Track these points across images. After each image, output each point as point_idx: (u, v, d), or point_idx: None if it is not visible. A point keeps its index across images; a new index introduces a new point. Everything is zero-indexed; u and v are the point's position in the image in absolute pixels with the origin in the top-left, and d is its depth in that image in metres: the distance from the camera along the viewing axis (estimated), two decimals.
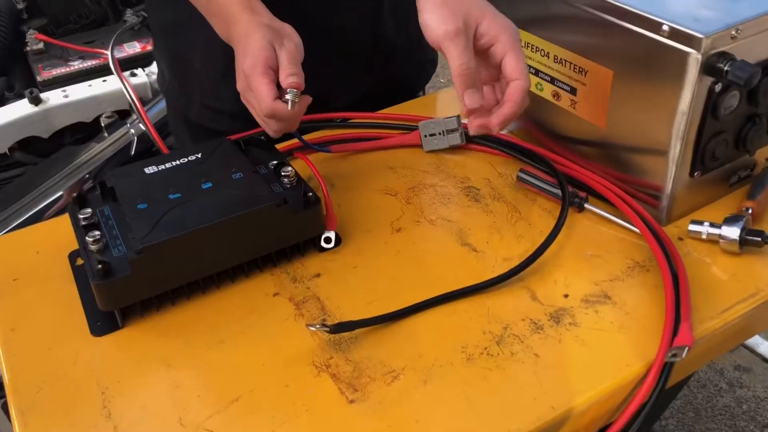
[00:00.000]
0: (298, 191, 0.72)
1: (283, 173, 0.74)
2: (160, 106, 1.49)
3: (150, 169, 0.74)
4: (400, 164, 0.89)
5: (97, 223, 0.70)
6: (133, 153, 1.43)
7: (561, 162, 0.83)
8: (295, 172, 0.74)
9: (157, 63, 1.07)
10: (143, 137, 1.44)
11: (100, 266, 0.63)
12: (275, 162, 0.77)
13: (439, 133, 0.89)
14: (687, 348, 0.56)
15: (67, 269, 0.74)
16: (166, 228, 0.65)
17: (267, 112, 0.69)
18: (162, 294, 0.68)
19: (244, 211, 0.67)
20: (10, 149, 1.45)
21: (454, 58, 0.65)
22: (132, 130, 1.44)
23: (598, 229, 0.76)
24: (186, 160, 0.76)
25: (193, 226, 0.66)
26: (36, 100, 1.45)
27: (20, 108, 1.44)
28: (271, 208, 0.68)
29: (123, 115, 1.51)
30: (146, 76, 1.54)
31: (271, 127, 0.72)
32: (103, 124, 1.46)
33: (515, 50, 0.66)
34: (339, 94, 0.99)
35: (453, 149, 0.89)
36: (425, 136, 0.89)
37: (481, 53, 0.68)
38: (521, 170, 0.82)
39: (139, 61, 1.62)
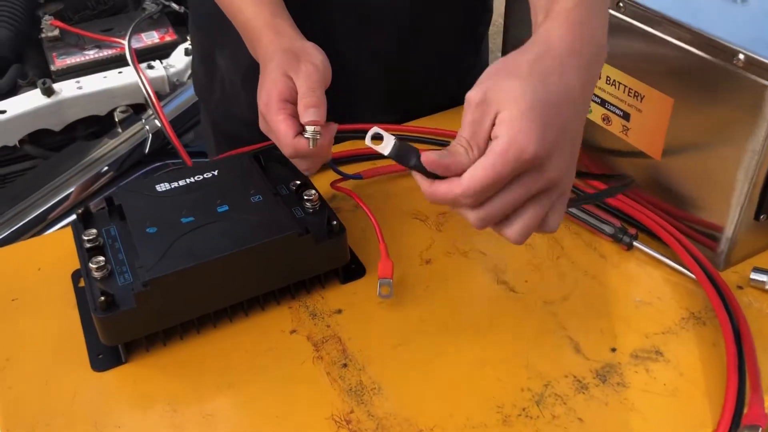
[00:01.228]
0: (321, 217, 0.67)
1: (305, 196, 0.69)
2: (177, 102, 1.45)
3: (162, 187, 0.69)
4: None
5: (102, 246, 0.65)
6: (147, 151, 1.38)
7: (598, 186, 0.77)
8: (319, 195, 0.69)
9: (191, 46, 1.02)
10: (158, 134, 1.40)
11: (102, 298, 0.58)
12: (297, 182, 0.72)
13: None
14: (760, 429, 0.50)
15: (69, 290, 0.70)
16: (176, 257, 0.61)
17: (289, 153, 0.63)
18: (170, 327, 0.63)
19: (263, 241, 0.62)
20: (20, 141, 1.41)
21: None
22: (147, 127, 1.40)
23: (648, 272, 0.70)
24: (201, 177, 0.71)
25: (206, 256, 0.61)
26: (49, 91, 1.41)
27: (32, 99, 1.40)
28: (292, 237, 0.63)
29: (138, 110, 1.46)
30: (164, 69, 1.50)
31: (300, 167, 0.67)
32: (117, 119, 1.41)
33: (493, 154, 0.48)
34: (367, 96, 0.93)
35: None
36: None
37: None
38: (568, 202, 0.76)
39: (157, 52, 1.57)
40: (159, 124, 1.37)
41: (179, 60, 1.53)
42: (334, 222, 0.66)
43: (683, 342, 0.62)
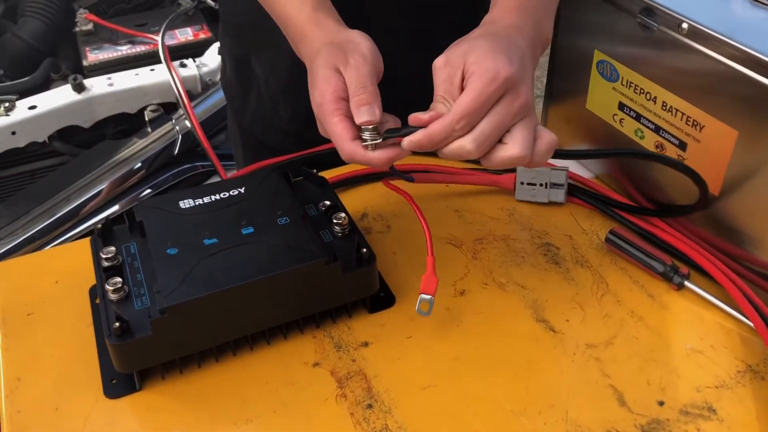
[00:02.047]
0: (351, 243, 0.64)
1: (335, 219, 0.66)
2: (209, 103, 1.43)
3: (186, 203, 0.67)
4: (467, 207, 0.79)
5: (120, 265, 0.63)
6: (176, 152, 1.36)
7: (658, 224, 0.73)
8: (349, 219, 0.66)
9: (220, 51, 0.99)
10: (188, 135, 1.38)
11: (117, 324, 0.56)
12: (327, 203, 0.68)
13: (541, 185, 0.78)
14: None
15: (86, 306, 0.68)
16: (196, 283, 0.58)
17: (346, 159, 0.58)
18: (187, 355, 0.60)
19: (287, 269, 0.59)
20: (50, 138, 1.40)
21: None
22: (177, 127, 1.38)
23: (700, 315, 0.65)
24: (227, 195, 0.68)
25: (228, 283, 0.58)
26: (79, 88, 1.40)
27: (63, 95, 1.39)
28: (318, 266, 0.60)
29: (169, 109, 1.45)
30: (196, 68, 1.48)
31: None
32: (147, 118, 1.40)
33: (473, 82, 0.54)
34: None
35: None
36: (521, 183, 0.78)
37: None
38: (612, 231, 0.72)
39: (191, 50, 1.55)
40: (189, 125, 1.36)
41: (213, 59, 1.51)
42: (364, 249, 0.63)
43: (739, 399, 0.58)
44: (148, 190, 1.39)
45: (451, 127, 0.53)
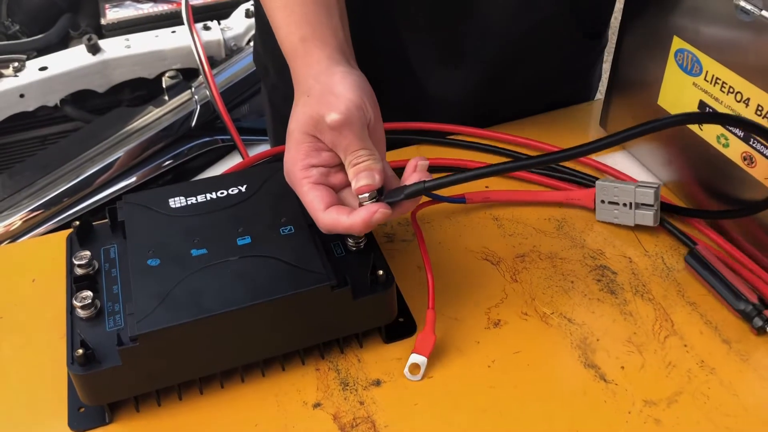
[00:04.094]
0: (365, 261, 0.55)
1: None
2: (232, 71, 1.35)
3: (176, 202, 0.58)
4: (508, 215, 0.69)
5: (94, 274, 0.55)
6: (194, 124, 1.28)
7: (737, 257, 0.62)
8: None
9: (255, 17, 0.91)
10: (207, 106, 1.29)
11: (81, 351, 0.48)
12: None
13: (624, 205, 0.66)
14: None
15: (64, 312, 0.60)
16: (176, 306, 0.50)
17: (326, 230, 0.53)
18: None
19: (287, 294, 0.50)
20: (62, 101, 1.33)
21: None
22: (196, 97, 1.30)
23: None
24: (225, 194, 0.59)
25: (214, 308, 0.49)
26: (94, 49, 1.32)
27: (76, 56, 1.32)
28: (324, 290, 0.51)
29: (189, 76, 1.36)
30: (221, 31, 1.39)
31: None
32: (164, 85, 1.32)
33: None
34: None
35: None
36: (602, 201, 0.67)
37: None
38: (692, 251, 0.61)
39: (216, 11, 1.46)
40: (209, 95, 1.27)
41: (239, 22, 1.42)
42: (380, 271, 0.53)
43: None
44: (176, 156, 1.31)
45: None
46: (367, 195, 0.52)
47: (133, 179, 1.25)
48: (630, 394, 0.53)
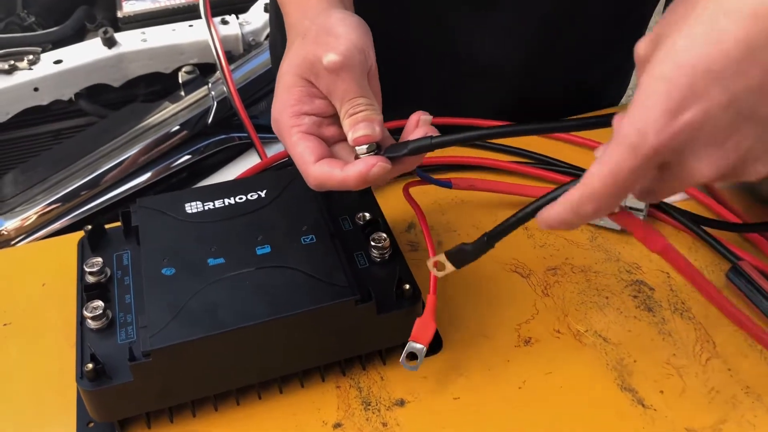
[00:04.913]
0: (391, 273, 0.52)
1: (373, 241, 0.54)
2: (250, 66, 1.33)
3: (192, 207, 0.56)
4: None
5: (106, 282, 0.53)
6: (210, 120, 1.26)
7: None
8: (391, 241, 0.54)
9: (268, 8, 0.89)
10: (224, 102, 1.27)
11: (90, 365, 0.46)
12: (366, 216, 0.57)
13: None
14: None
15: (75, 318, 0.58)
16: (192, 320, 0.47)
17: (316, 186, 0.48)
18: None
19: (308, 309, 0.48)
20: (76, 95, 1.32)
21: None
22: (212, 93, 1.28)
23: None
24: (244, 199, 0.57)
25: (231, 323, 0.47)
26: (110, 42, 1.30)
27: (91, 50, 1.30)
28: (347, 305, 0.49)
29: (206, 71, 1.34)
30: (239, 26, 1.36)
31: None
32: (180, 80, 1.30)
33: (606, 163, 0.38)
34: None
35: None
36: None
37: None
38: (735, 267, 0.58)
39: (234, 5, 1.44)
40: (226, 91, 1.25)
41: (258, 17, 1.40)
42: (407, 285, 0.51)
43: None
44: (191, 154, 1.29)
45: (579, 215, 0.39)
46: (365, 147, 0.47)
47: (147, 176, 1.23)
48: (670, 421, 0.50)
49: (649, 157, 0.35)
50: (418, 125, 0.49)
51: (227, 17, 1.38)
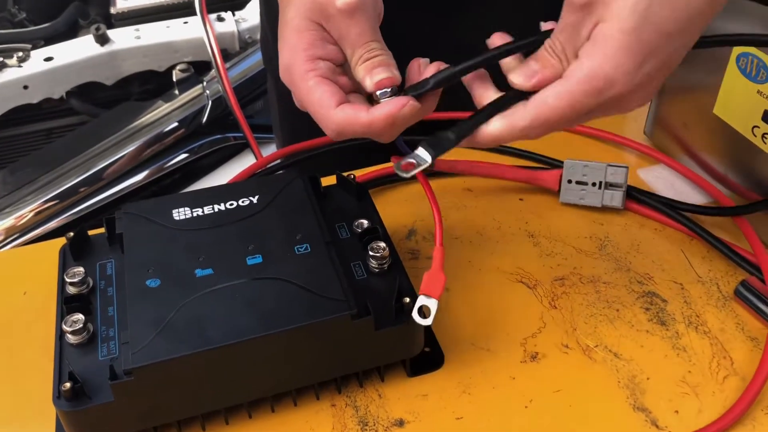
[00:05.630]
0: (390, 285, 0.50)
1: (372, 250, 0.51)
2: (246, 64, 1.30)
3: (180, 213, 0.53)
4: (545, 231, 0.64)
5: (87, 293, 0.50)
6: (205, 120, 1.23)
7: None
8: (391, 250, 0.51)
9: (260, 3, 0.86)
10: (219, 101, 1.24)
11: (68, 385, 0.43)
12: (365, 224, 0.54)
13: (593, 184, 0.64)
14: None
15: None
16: (177, 335, 0.44)
17: (338, 135, 0.45)
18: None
19: (301, 324, 0.45)
20: (68, 94, 1.29)
21: None
22: (207, 92, 1.25)
23: None
24: (235, 205, 0.54)
25: (219, 339, 0.44)
26: (102, 39, 1.28)
27: (83, 47, 1.27)
28: (344, 320, 0.46)
29: (201, 69, 1.31)
30: (235, 23, 1.34)
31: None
32: (174, 78, 1.27)
33: (572, 81, 0.43)
34: None
35: (614, 213, 0.64)
36: (568, 181, 0.65)
37: None
38: (744, 282, 0.56)
39: (231, 2, 1.41)
40: (221, 90, 1.22)
41: (254, 14, 1.37)
42: (407, 299, 0.48)
43: None
44: (185, 154, 1.26)
45: (524, 134, 0.43)
46: (389, 90, 0.44)
47: (139, 177, 1.20)
48: None
49: (608, 99, 0.41)
50: (421, 69, 0.46)
51: (223, 14, 1.35)
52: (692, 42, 0.43)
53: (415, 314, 0.47)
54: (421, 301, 0.47)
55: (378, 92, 0.44)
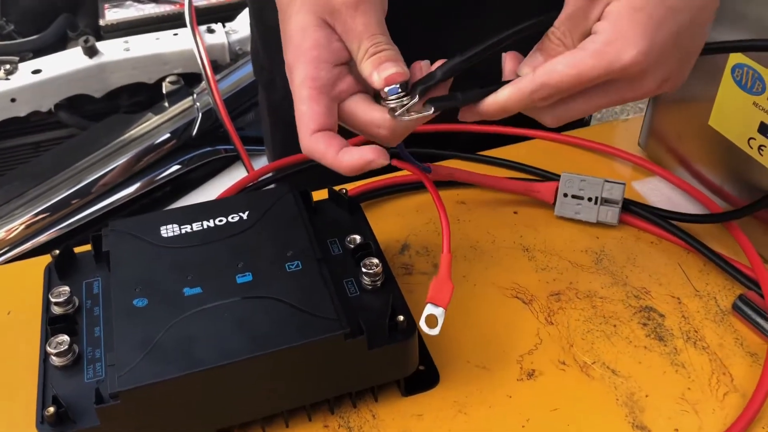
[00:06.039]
0: (383, 303, 0.49)
1: (365, 267, 0.50)
2: (237, 76, 1.29)
3: (168, 230, 0.52)
4: (540, 245, 0.63)
5: (73, 313, 0.49)
6: (195, 132, 1.22)
7: None
8: (384, 266, 0.50)
9: (249, 18, 0.85)
10: (210, 114, 1.23)
11: (52, 409, 0.42)
12: (357, 239, 0.53)
13: (589, 199, 0.63)
14: None
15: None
16: (165, 357, 0.43)
17: (305, 153, 0.45)
18: None
19: (292, 345, 0.44)
20: (56, 106, 1.28)
21: None
22: (197, 104, 1.24)
23: None
24: (224, 221, 0.53)
25: (208, 360, 0.43)
26: (91, 51, 1.27)
27: (72, 59, 1.26)
28: (336, 340, 0.45)
29: (191, 81, 1.30)
30: (225, 34, 1.33)
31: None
32: (164, 91, 1.26)
33: (583, 52, 0.43)
34: None
35: (609, 227, 0.64)
36: (564, 195, 0.64)
37: None
38: (742, 296, 0.55)
39: (221, 13, 1.41)
40: (211, 102, 1.21)
41: (245, 25, 1.36)
42: (401, 317, 0.47)
43: None
44: (175, 167, 1.25)
45: (531, 98, 0.44)
46: (397, 87, 0.43)
47: (129, 191, 1.19)
48: None
49: (617, 72, 0.42)
50: (423, 71, 0.45)
51: (213, 26, 1.35)
52: (700, 19, 0.43)
53: (422, 324, 0.46)
54: (429, 310, 0.46)
55: (386, 89, 0.43)
